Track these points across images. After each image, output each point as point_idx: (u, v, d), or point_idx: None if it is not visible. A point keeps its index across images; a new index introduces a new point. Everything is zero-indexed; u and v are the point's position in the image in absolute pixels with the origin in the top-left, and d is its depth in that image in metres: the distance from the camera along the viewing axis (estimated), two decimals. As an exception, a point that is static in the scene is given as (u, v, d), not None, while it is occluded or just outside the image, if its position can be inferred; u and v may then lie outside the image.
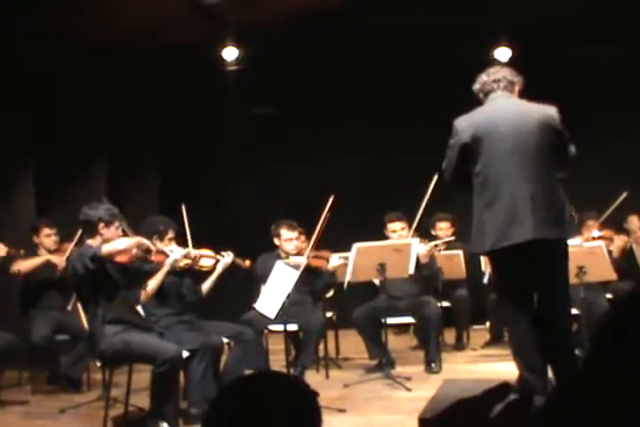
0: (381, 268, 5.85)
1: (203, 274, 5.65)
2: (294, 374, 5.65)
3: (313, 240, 6.17)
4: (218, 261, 5.66)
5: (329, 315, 6.89)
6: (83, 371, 6.06)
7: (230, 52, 8.57)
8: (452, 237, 7.43)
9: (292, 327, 5.96)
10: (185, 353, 4.75)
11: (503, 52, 8.32)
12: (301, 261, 5.97)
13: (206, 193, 9.38)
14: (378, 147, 9.23)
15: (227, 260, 5.69)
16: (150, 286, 5.13)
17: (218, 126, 9.62)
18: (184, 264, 5.37)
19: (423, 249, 6.55)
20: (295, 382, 1.51)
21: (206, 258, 5.63)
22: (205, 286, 5.63)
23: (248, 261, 6.08)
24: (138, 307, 5.07)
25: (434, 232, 7.57)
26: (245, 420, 1.35)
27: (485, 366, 6.49)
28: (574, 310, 5.02)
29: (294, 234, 6.42)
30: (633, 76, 8.20)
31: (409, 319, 6.63)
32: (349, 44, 8.42)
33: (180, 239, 5.59)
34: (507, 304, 4.27)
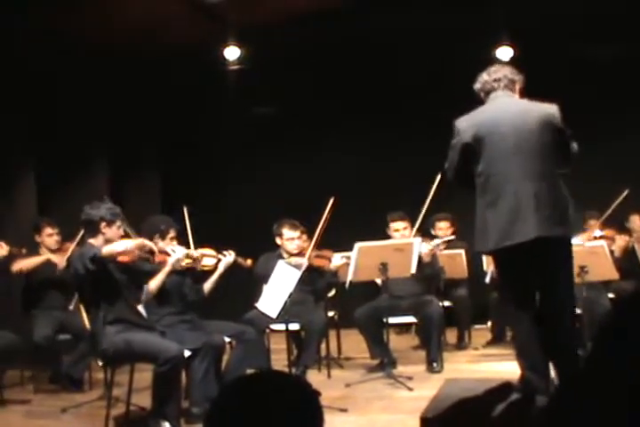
0: (383, 267, 5.85)
1: (204, 273, 5.65)
2: (296, 374, 5.65)
3: (314, 240, 6.17)
4: (219, 261, 5.65)
5: (331, 314, 6.89)
6: (84, 370, 6.07)
7: (232, 52, 8.57)
8: (452, 236, 7.43)
9: (294, 327, 5.95)
10: (187, 352, 4.75)
11: (504, 52, 8.31)
12: (302, 262, 5.97)
13: (207, 193, 9.38)
14: (378, 147, 9.23)
15: (228, 259, 5.68)
16: (152, 285, 5.13)
17: (218, 126, 9.62)
18: (186, 264, 5.37)
19: (426, 248, 6.55)
20: (297, 382, 1.51)
21: (208, 257, 5.62)
22: (207, 285, 5.63)
23: (250, 261, 6.07)
24: (139, 306, 5.07)
25: (433, 232, 7.58)
26: (247, 419, 1.35)
27: (487, 365, 6.49)
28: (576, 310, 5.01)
29: (296, 233, 6.42)
30: (633, 76, 8.19)
31: (411, 319, 6.63)
32: (349, 44, 8.41)
33: (182, 240, 5.59)
34: (510, 303, 4.26)
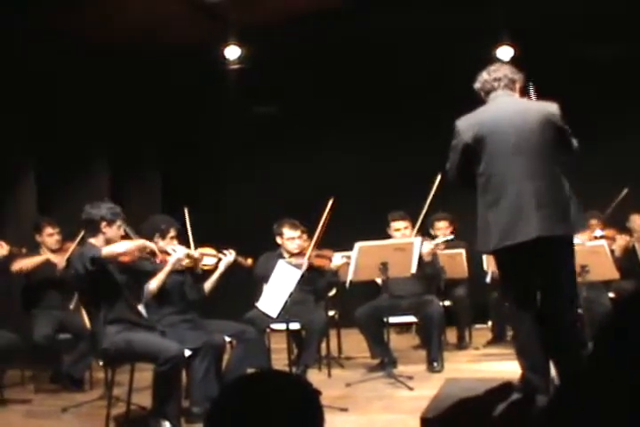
0: (383, 267, 5.85)
1: (205, 273, 5.65)
2: (296, 373, 5.65)
3: (315, 240, 6.17)
4: (220, 260, 5.65)
5: (331, 314, 6.90)
6: (85, 370, 6.07)
7: (232, 51, 8.56)
8: (451, 236, 7.43)
9: (295, 326, 5.95)
10: (187, 352, 4.75)
11: (505, 52, 8.30)
12: (303, 261, 5.97)
13: (207, 192, 9.38)
14: (378, 146, 9.23)
15: (229, 258, 5.68)
16: (152, 285, 5.13)
17: (218, 126, 9.62)
18: (186, 263, 5.37)
19: (427, 247, 6.55)
20: (297, 381, 1.51)
21: (208, 257, 5.62)
22: (208, 284, 5.62)
23: (250, 260, 6.06)
24: (140, 306, 5.07)
25: (432, 232, 7.58)
26: (248, 419, 1.35)
27: (487, 365, 6.49)
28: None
29: (297, 233, 6.42)
30: (633, 76, 8.18)
31: (411, 318, 6.63)
32: (349, 43, 8.41)
33: (182, 240, 5.59)
34: (511, 303, 4.26)
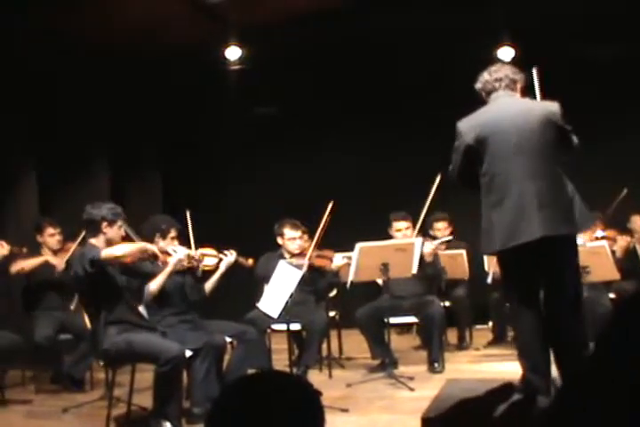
0: (384, 267, 5.85)
1: (206, 273, 5.64)
2: (297, 374, 5.65)
3: (315, 240, 6.17)
4: (221, 261, 5.65)
5: (332, 314, 6.89)
6: (86, 370, 6.06)
7: (233, 52, 8.56)
8: (450, 236, 7.42)
9: (295, 327, 5.95)
10: (188, 352, 4.75)
11: (505, 52, 8.29)
12: (303, 263, 5.96)
13: (207, 193, 9.38)
14: (378, 147, 9.23)
15: (229, 259, 5.67)
16: (153, 286, 5.12)
17: (218, 126, 9.62)
18: (187, 264, 5.36)
19: (428, 248, 6.55)
20: (298, 382, 1.51)
21: (209, 257, 5.62)
22: (208, 285, 5.62)
23: (251, 260, 6.06)
24: (140, 307, 5.07)
25: (432, 232, 7.56)
26: (248, 419, 1.35)
27: (488, 365, 6.49)
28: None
29: (298, 233, 6.42)
30: (633, 76, 8.18)
31: (412, 319, 6.63)
32: (349, 44, 8.40)
33: (184, 242, 5.58)
34: (513, 303, 4.26)
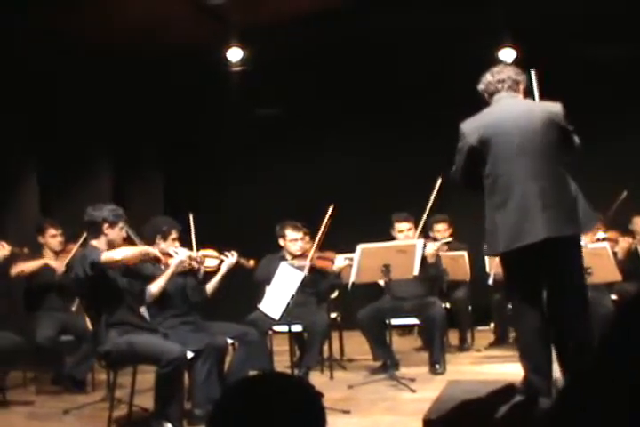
0: (386, 269, 5.85)
1: (207, 274, 5.64)
2: (298, 375, 5.65)
3: (317, 241, 6.17)
4: (222, 262, 5.64)
5: (333, 316, 6.89)
6: (87, 372, 6.06)
7: (234, 53, 8.56)
8: (450, 238, 7.41)
9: (297, 328, 5.95)
10: (189, 354, 4.75)
11: (506, 53, 8.28)
12: (305, 264, 5.96)
13: (209, 194, 9.38)
14: (379, 147, 9.22)
15: (231, 260, 5.67)
16: (154, 287, 5.12)
17: (220, 127, 9.62)
18: (188, 265, 5.36)
19: (431, 248, 6.55)
20: (299, 383, 1.51)
21: (210, 258, 5.61)
22: (210, 286, 5.61)
23: (252, 261, 6.05)
24: (142, 309, 5.07)
25: (432, 234, 7.55)
26: (250, 421, 1.35)
27: (490, 367, 6.48)
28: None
29: (299, 234, 6.42)
30: (633, 76, 8.18)
31: (413, 320, 6.62)
32: (350, 44, 8.41)
33: (186, 245, 5.57)
34: (516, 304, 4.25)
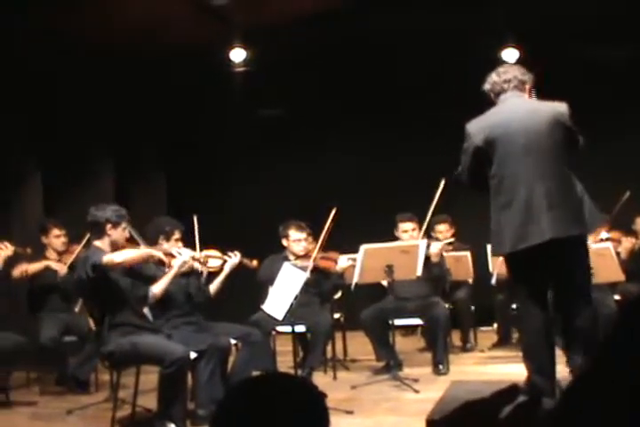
0: (389, 269, 5.85)
1: (210, 275, 5.64)
2: (302, 376, 5.64)
3: (320, 242, 6.16)
4: (225, 262, 5.64)
5: (337, 316, 6.88)
6: (90, 372, 6.06)
7: (237, 54, 8.56)
8: (452, 238, 7.40)
9: (300, 329, 5.95)
10: (192, 354, 4.75)
11: (508, 53, 8.27)
12: (308, 265, 5.96)
13: (212, 194, 9.37)
14: (379, 147, 9.21)
15: (234, 260, 5.66)
16: (157, 288, 5.11)
17: (223, 128, 9.62)
18: (192, 266, 5.35)
19: (435, 248, 6.54)
20: (303, 384, 1.51)
21: (213, 259, 5.61)
22: (213, 286, 5.62)
23: (255, 261, 6.05)
24: (145, 309, 5.07)
25: (433, 234, 7.53)
26: (253, 421, 1.35)
27: (493, 367, 6.48)
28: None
29: (303, 235, 6.41)
30: (633, 76, 8.16)
31: (417, 321, 6.62)
32: (350, 44, 8.40)
33: (190, 247, 5.57)
34: (520, 304, 4.25)
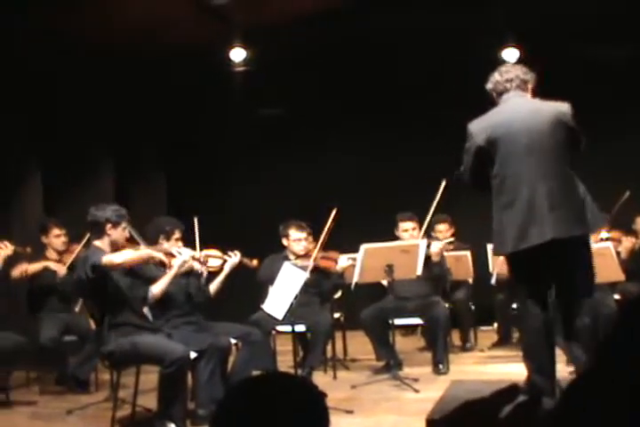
0: (389, 269, 5.85)
1: (210, 274, 5.64)
2: (302, 375, 5.64)
3: (321, 242, 6.16)
4: (225, 262, 5.65)
5: (337, 316, 6.88)
6: (90, 372, 6.06)
7: (237, 53, 8.56)
8: (452, 238, 7.40)
9: (300, 328, 5.95)
10: (192, 354, 4.75)
11: (509, 53, 8.27)
12: (308, 264, 5.96)
13: (212, 194, 9.37)
14: (379, 147, 9.21)
15: (234, 260, 5.67)
16: (157, 287, 5.11)
17: (223, 127, 9.62)
18: (192, 265, 5.35)
19: (436, 247, 6.55)
20: (303, 383, 1.51)
21: (213, 258, 5.61)
22: (213, 286, 5.62)
23: (255, 261, 6.06)
24: (145, 309, 5.07)
25: (433, 234, 7.52)
26: (253, 421, 1.35)
27: (493, 367, 6.48)
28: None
29: (303, 234, 6.41)
30: (633, 76, 8.16)
31: (417, 320, 6.62)
32: (350, 44, 8.40)
33: (189, 245, 5.57)
34: (521, 304, 4.25)
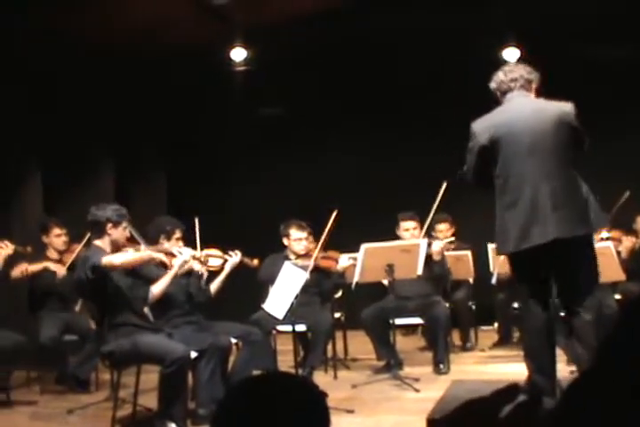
0: (390, 268, 5.85)
1: (211, 274, 5.64)
2: (302, 375, 5.64)
3: (321, 241, 6.16)
4: (226, 261, 5.65)
5: (337, 315, 6.88)
6: (91, 371, 6.06)
7: (238, 53, 8.56)
8: (452, 237, 7.39)
9: (301, 328, 5.95)
10: (193, 354, 4.75)
11: (509, 53, 8.27)
12: (309, 264, 5.96)
13: (212, 194, 9.37)
14: (379, 147, 9.21)
15: (234, 259, 5.67)
16: (158, 287, 5.11)
17: (223, 127, 9.62)
18: (192, 265, 5.35)
19: (437, 246, 6.54)
20: (303, 383, 1.51)
21: (214, 258, 5.62)
22: (214, 286, 5.62)
23: (256, 261, 6.06)
24: (145, 309, 5.07)
25: (434, 234, 7.52)
26: (253, 420, 1.35)
27: (494, 367, 6.48)
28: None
29: (304, 234, 6.41)
30: (633, 76, 8.16)
31: (417, 320, 6.62)
32: (350, 44, 8.40)
33: (190, 244, 5.57)
34: (523, 304, 4.25)
